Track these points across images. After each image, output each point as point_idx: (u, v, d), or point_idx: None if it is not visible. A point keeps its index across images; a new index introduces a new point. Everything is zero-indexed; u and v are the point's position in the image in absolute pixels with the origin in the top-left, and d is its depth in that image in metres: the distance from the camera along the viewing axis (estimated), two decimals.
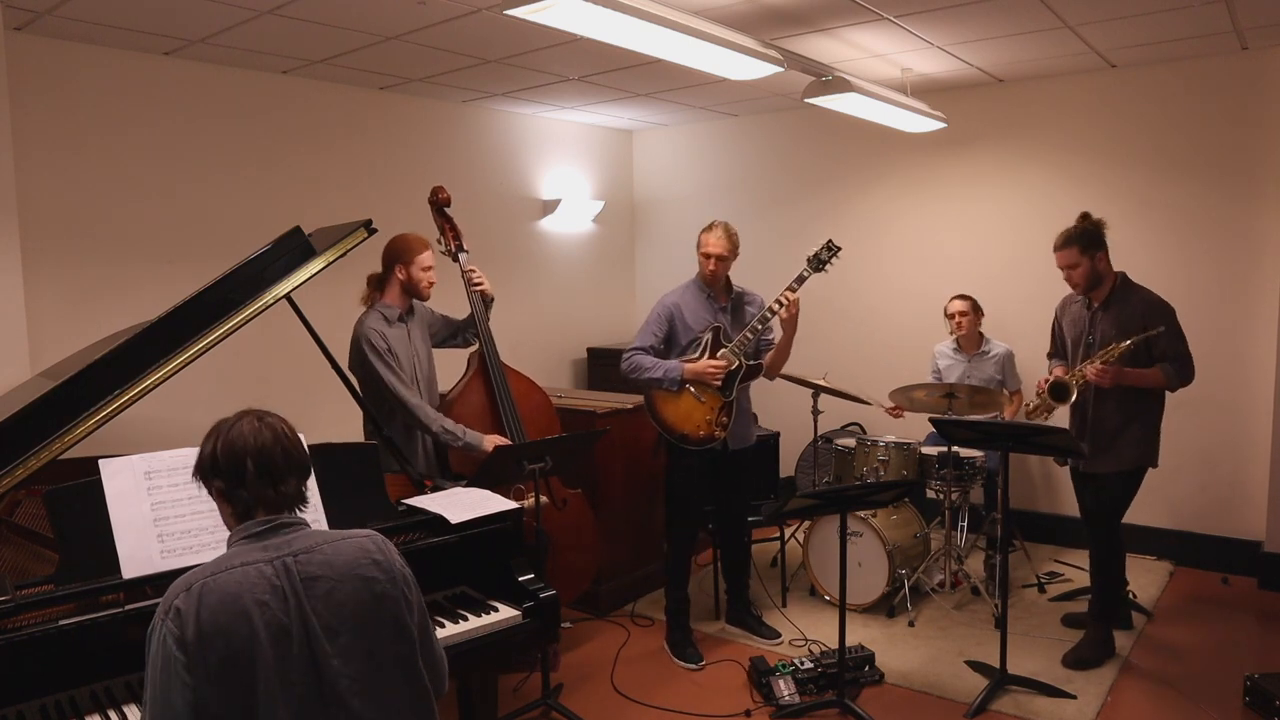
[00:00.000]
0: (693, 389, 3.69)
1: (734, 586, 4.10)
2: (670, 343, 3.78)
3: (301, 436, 1.77)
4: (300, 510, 1.70)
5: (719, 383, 3.69)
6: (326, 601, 1.58)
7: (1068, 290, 3.79)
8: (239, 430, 1.64)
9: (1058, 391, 3.61)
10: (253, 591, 1.52)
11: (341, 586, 1.60)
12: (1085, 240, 3.57)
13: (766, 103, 5.78)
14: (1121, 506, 3.70)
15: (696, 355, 3.72)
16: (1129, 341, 3.49)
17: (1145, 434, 3.63)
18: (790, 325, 3.67)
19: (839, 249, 3.72)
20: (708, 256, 3.75)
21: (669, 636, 3.93)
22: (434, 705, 1.71)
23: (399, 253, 3.50)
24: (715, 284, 3.82)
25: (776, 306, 3.63)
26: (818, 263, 3.70)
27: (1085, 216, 3.66)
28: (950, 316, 4.86)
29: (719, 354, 3.70)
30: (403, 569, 1.70)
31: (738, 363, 3.69)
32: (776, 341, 3.82)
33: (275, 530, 1.63)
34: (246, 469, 1.61)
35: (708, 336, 3.73)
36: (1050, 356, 4.03)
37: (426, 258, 3.51)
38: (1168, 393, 3.66)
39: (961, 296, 4.88)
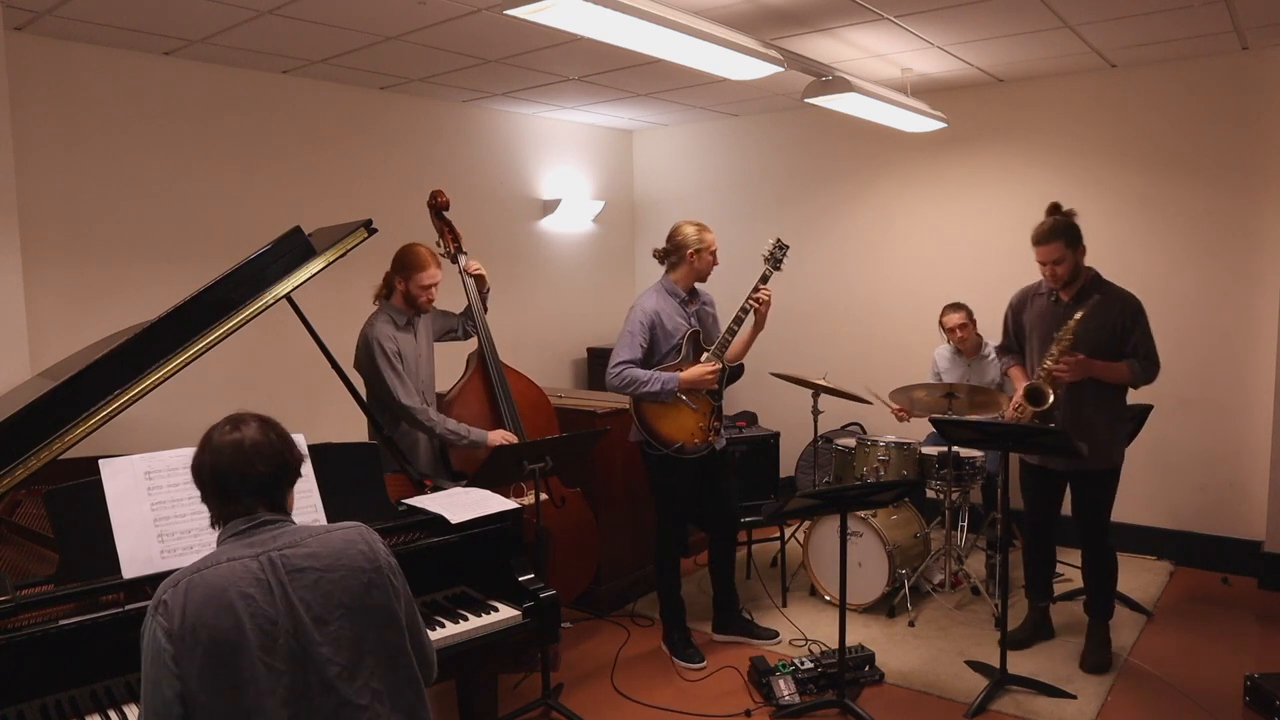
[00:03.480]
0: (685, 397, 3.65)
1: (723, 594, 4.01)
2: (651, 351, 3.69)
3: (300, 438, 1.77)
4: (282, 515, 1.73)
5: (716, 386, 3.68)
6: (314, 591, 1.61)
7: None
8: (215, 445, 1.67)
9: (1034, 397, 3.51)
10: (237, 585, 1.56)
11: (328, 576, 1.64)
12: (1070, 234, 3.48)
13: (766, 103, 5.78)
14: (1108, 506, 3.66)
15: (679, 362, 3.68)
16: (1073, 320, 3.44)
17: (1120, 430, 3.62)
18: (763, 322, 3.73)
19: (788, 246, 3.76)
20: (715, 251, 3.76)
21: (667, 638, 3.92)
22: (424, 692, 1.73)
23: (402, 266, 3.51)
24: (704, 280, 3.81)
25: (755, 303, 3.65)
26: (775, 261, 3.73)
27: (1057, 208, 3.57)
28: (950, 330, 4.80)
29: (703, 358, 3.68)
30: (388, 558, 1.74)
31: (722, 365, 3.69)
32: (742, 336, 3.79)
33: (260, 527, 1.66)
34: (207, 486, 1.67)
35: (686, 343, 3.69)
36: (1002, 351, 3.93)
37: (428, 276, 3.49)
38: (1141, 389, 3.62)
39: (954, 307, 4.78)
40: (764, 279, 3.70)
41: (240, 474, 1.65)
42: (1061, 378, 3.48)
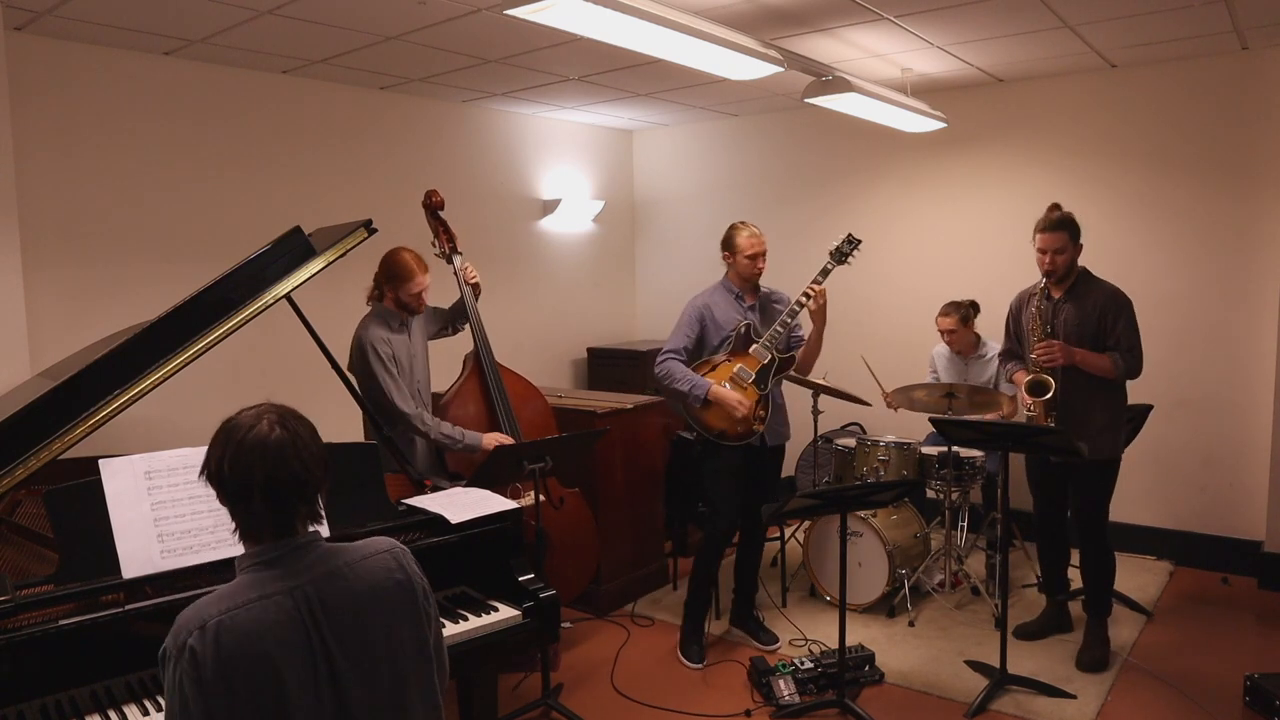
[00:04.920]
0: (728, 384, 3.67)
1: (745, 587, 4.06)
2: (702, 343, 3.78)
3: None
4: (313, 525, 1.60)
5: (741, 414, 3.62)
6: (353, 633, 1.53)
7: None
8: (250, 443, 1.48)
9: (1035, 388, 3.55)
10: (274, 631, 1.44)
11: (365, 617, 1.55)
12: (1074, 229, 3.59)
13: (766, 103, 5.78)
14: (1107, 499, 3.67)
15: (726, 349, 3.71)
16: (1033, 307, 3.59)
17: (1115, 422, 3.63)
18: (820, 317, 3.70)
19: (859, 241, 3.79)
20: (754, 256, 3.74)
21: (683, 630, 3.90)
22: (442, 716, 1.69)
23: (389, 277, 3.49)
24: (756, 279, 3.82)
25: (804, 299, 3.65)
26: (840, 255, 3.75)
27: (1057, 207, 3.65)
28: (940, 333, 4.80)
29: (751, 350, 3.69)
30: (422, 582, 1.66)
31: (770, 356, 3.69)
32: (807, 337, 3.81)
33: (291, 554, 1.52)
34: (253, 498, 1.49)
35: (736, 332, 3.72)
36: (1006, 356, 3.93)
37: (416, 284, 3.47)
38: (1141, 389, 3.69)
39: (949, 309, 4.75)
40: (824, 273, 3.69)
41: (264, 491, 1.48)
42: (1041, 360, 3.55)
